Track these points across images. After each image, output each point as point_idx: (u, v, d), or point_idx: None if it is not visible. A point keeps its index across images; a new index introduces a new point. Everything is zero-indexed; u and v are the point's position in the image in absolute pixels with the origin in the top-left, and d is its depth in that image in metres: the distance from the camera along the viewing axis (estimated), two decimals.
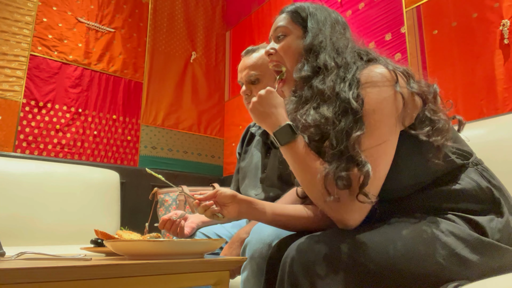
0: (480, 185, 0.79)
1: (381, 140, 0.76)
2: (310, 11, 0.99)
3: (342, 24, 0.99)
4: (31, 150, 2.32)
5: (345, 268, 0.68)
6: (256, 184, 1.39)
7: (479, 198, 0.78)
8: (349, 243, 0.71)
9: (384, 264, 0.69)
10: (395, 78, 0.80)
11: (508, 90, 1.53)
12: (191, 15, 3.24)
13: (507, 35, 1.54)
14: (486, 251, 0.72)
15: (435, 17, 1.80)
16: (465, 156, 0.84)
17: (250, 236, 0.99)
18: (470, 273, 0.70)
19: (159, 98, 2.93)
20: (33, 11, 2.45)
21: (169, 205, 2.34)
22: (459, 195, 0.78)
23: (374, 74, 0.81)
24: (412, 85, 0.82)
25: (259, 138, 1.45)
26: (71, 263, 0.68)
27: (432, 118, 0.81)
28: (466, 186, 0.79)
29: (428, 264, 0.69)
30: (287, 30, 1.00)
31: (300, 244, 0.74)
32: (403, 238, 0.71)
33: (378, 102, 0.78)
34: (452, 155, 0.82)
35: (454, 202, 0.78)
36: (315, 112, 0.85)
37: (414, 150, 0.80)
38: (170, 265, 0.77)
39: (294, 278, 0.70)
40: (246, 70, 1.36)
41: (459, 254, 0.70)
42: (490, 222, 0.75)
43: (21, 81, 2.34)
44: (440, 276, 0.69)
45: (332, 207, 0.76)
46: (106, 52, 2.71)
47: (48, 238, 1.91)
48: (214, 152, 3.16)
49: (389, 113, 0.78)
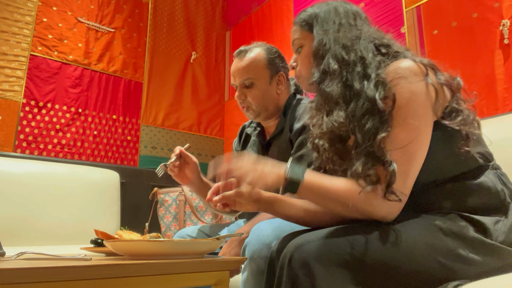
0: (496, 187, 0.79)
1: (416, 133, 0.76)
2: (315, 14, 0.97)
3: (353, 14, 0.96)
4: (31, 150, 2.32)
5: (344, 265, 0.68)
6: None
7: (491, 199, 0.78)
8: (349, 240, 0.71)
9: (383, 261, 0.69)
10: (425, 70, 0.80)
11: (508, 90, 1.53)
12: (191, 15, 3.24)
13: (507, 35, 1.54)
14: (488, 252, 0.72)
15: (435, 17, 1.80)
16: (486, 158, 0.84)
17: (250, 237, 0.99)
18: (471, 272, 0.70)
19: (159, 98, 2.93)
20: (33, 11, 2.45)
21: (169, 205, 2.34)
22: (473, 192, 0.78)
23: (401, 70, 0.80)
24: (440, 77, 0.83)
25: (255, 139, 1.43)
26: (71, 263, 0.68)
27: (459, 108, 0.82)
28: (483, 185, 0.79)
29: (428, 263, 0.69)
30: (300, 41, 1.00)
31: (299, 240, 0.74)
32: (404, 236, 0.71)
33: (411, 95, 0.77)
34: (476, 154, 0.82)
35: (465, 199, 0.78)
36: (328, 118, 0.84)
37: (444, 141, 0.80)
38: (170, 265, 0.77)
39: (293, 274, 0.70)
40: (239, 74, 1.33)
41: (459, 254, 0.70)
42: (495, 223, 0.75)
43: (21, 81, 2.34)
44: (440, 275, 0.69)
45: (361, 205, 0.76)
46: (106, 52, 2.71)
47: (48, 238, 1.91)
48: (214, 152, 3.16)
49: (423, 105, 0.78)
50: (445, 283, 0.68)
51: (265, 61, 1.33)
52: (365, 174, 0.74)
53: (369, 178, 0.74)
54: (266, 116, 1.34)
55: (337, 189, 0.78)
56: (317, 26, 0.95)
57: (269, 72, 1.33)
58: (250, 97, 1.32)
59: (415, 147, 0.76)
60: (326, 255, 0.69)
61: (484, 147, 0.86)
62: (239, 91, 1.34)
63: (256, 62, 1.32)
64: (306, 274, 0.68)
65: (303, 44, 0.99)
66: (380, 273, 0.68)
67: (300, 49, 1.01)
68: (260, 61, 1.33)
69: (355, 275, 0.68)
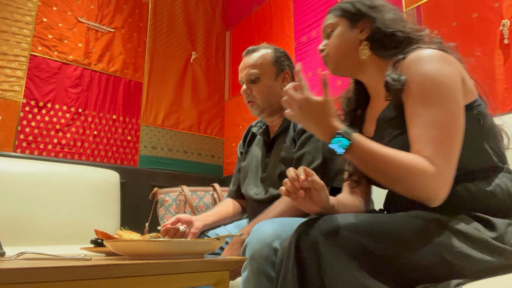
0: (509, 191, 0.79)
1: (451, 112, 0.77)
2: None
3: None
4: (31, 150, 2.32)
5: (350, 249, 0.68)
6: (257, 183, 1.39)
7: (505, 203, 0.78)
8: (356, 226, 0.71)
9: (389, 251, 0.69)
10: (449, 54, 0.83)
11: (508, 90, 1.53)
12: (191, 15, 3.24)
13: (507, 35, 1.54)
14: (496, 255, 0.71)
15: (435, 17, 1.80)
16: (502, 159, 0.84)
17: (250, 236, 0.99)
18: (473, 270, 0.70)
19: (159, 98, 2.93)
20: (33, 11, 2.45)
21: (169, 205, 2.34)
22: (486, 197, 0.78)
23: (424, 56, 0.83)
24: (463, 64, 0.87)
25: (260, 138, 1.46)
26: (71, 263, 0.68)
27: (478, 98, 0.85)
28: (496, 189, 0.79)
29: (432, 256, 0.69)
30: (332, 25, 1.05)
31: (307, 222, 0.75)
32: (411, 229, 0.72)
33: (441, 76, 0.79)
34: (491, 152, 0.82)
35: (478, 203, 0.78)
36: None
37: (466, 131, 0.80)
38: (170, 265, 0.77)
39: (299, 253, 0.70)
40: (247, 69, 1.38)
41: (465, 253, 0.70)
42: (507, 226, 0.75)
43: (21, 81, 2.34)
44: (442, 269, 0.69)
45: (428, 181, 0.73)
46: (106, 52, 2.71)
47: (48, 238, 1.91)
48: (214, 152, 3.16)
49: (454, 87, 0.79)
50: (448, 281, 0.68)
51: (271, 58, 1.38)
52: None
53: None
54: (270, 112, 1.38)
55: (402, 159, 0.75)
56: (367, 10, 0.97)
57: (275, 69, 1.38)
58: (255, 92, 1.37)
59: (453, 125, 0.76)
60: (333, 238, 0.70)
61: (501, 146, 0.86)
62: (246, 85, 1.39)
63: (263, 58, 1.37)
64: (313, 253, 0.69)
65: (334, 27, 1.01)
66: (383, 260, 0.69)
67: (330, 32, 1.01)
68: (266, 58, 1.38)
69: (359, 260, 0.68)
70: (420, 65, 0.81)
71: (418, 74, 0.81)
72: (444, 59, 0.82)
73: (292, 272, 0.70)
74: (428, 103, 0.77)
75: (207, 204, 2.34)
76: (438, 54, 0.82)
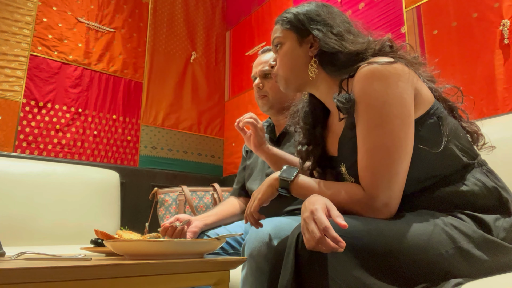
0: (486, 185, 0.79)
1: (394, 134, 0.77)
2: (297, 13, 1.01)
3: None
4: (31, 150, 2.32)
5: (349, 248, 0.68)
6: (262, 179, 1.40)
7: (486, 199, 0.79)
8: (355, 225, 0.71)
9: (387, 249, 0.69)
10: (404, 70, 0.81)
11: (508, 90, 1.53)
12: (191, 15, 3.24)
13: (507, 35, 1.54)
14: (490, 249, 0.72)
15: (435, 17, 1.80)
16: (471, 156, 0.84)
17: (249, 235, 0.99)
18: (473, 269, 0.70)
19: (159, 98, 2.93)
20: (33, 11, 2.45)
21: (169, 205, 2.34)
22: (467, 197, 0.78)
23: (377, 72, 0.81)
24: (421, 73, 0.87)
25: (267, 135, 1.47)
26: (71, 263, 0.68)
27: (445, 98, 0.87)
28: (474, 188, 0.79)
29: (430, 254, 0.69)
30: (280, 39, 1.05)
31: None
32: (408, 227, 0.72)
33: (386, 96, 0.78)
34: (459, 152, 0.82)
35: (461, 202, 0.78)
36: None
37: (428, 139, 0.80)
38: (170, 265, 0.77)
39: (298, 252, 0.70)
40: (262, 64, 1.44)
41: (461, 248, 0.71)
42: (496, 221, 0.76)
43: (21, 81, 2.34)
44: (441, 267, 0.69)
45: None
46: (106, 52, 2.71)
47: (48, 238, 1.91)
48: (214, 152, 3.16)
49: (400, 104, 0.78)
50: (446, 280, 0.68)
51: None
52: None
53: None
54: (279, 109, 1.42)
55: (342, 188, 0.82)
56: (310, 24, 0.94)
57: None
58: (268, 87, 1.42)
59: (395, 146, 0.77)
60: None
61: (468, 144, 0.86)
62: (259, 80, 1.44)
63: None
64: (313, 256, 0.68)
65: (283, 42, 0.98)
66: (384, 262, 0.69)
67: (279, 46, 0.99)
68: None
69: (358, 257, 0.68)
70: (366, 84, 0.79)
71: (363, 94, 0.80)
72: (392, 75, 0.78)
73: (291, 271, 0.70)
74: (372, 127, 0.78)
75: (207, 204, 2.34)
76: (386, 70, 0.78)
